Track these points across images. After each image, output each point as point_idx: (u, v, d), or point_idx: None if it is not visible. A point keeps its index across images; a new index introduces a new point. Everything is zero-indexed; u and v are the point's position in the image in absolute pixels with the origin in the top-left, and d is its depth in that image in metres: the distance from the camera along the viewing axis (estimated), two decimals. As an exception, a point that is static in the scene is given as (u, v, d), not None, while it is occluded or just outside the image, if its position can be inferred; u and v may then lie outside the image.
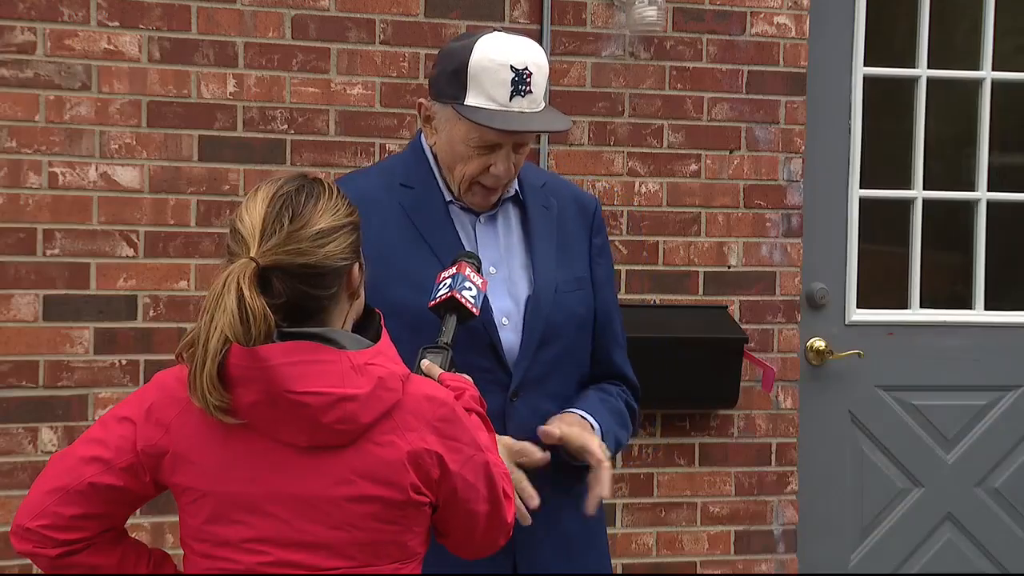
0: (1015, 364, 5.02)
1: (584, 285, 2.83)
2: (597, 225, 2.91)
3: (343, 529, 2.18)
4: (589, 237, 2.88)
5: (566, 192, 2.91)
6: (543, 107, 2.70)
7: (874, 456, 4.93)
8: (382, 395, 2.17)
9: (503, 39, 2.67)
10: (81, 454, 2.23)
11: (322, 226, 2.18)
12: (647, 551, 4.64)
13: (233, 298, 2.09)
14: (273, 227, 2.16)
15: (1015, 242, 5.17)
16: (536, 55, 2.67)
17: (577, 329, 2.81)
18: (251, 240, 2.15)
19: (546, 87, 2.72)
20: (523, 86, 2.63)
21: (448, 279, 2.59)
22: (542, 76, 2.67)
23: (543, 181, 2.88)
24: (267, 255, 2.14)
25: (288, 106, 4.30)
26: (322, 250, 2.17)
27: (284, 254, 2.15)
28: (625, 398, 2.92)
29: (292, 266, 2.15)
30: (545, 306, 2.75)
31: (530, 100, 2.65)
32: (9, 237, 4.10)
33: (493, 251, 2.76)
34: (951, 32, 5.15)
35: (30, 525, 2.22)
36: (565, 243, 2.82)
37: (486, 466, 2.28)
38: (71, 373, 4.14)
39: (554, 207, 2.84)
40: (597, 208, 2.93)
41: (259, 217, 2.17)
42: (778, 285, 4.73)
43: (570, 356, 2.81)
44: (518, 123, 2.64)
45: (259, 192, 2.22)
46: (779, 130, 4.71)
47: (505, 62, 2.62)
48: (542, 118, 2.70)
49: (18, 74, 4.09)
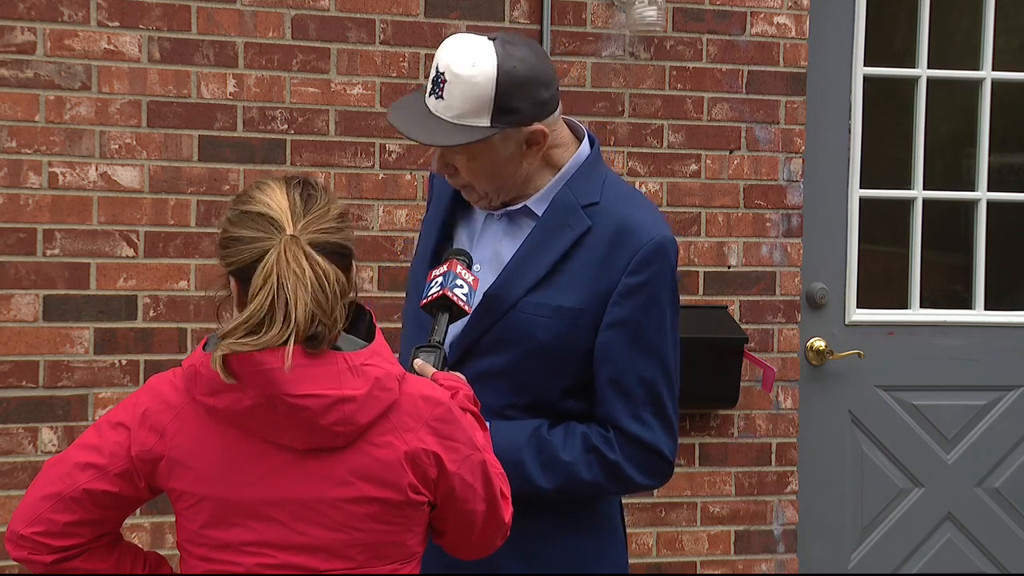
0: (1015, 364, 5.02)
1: (565, 316, 2.61)
2: (638, 263, 2.61)
3: (342, 531, 2.18)
4: (620, 274, 2.61)
5: (615, 219, 2.64)
6: (460, 119, 2.54)
7: (874, 456, 4.93)
8: (379, 395, 2.18)
9: (460, 40, 2.57)
10: (75, 460, 2.23)
11: (340, 208, 2.24)
12: (647, 551, 4.64)
13: (307, 266, 2.14)
14: (305, 207, 2.20)
15: (1015, 242, 5.17)
16: (462, 66, 2.52)
17: (527, 353, 2.62)
18: (284, 221, 2.18)
19: (475, 105, 2.53)
20: (437, 88, 2.56)
21: (439, 277, 2.58)
22: (459, 88, 2.52)
23: (595, 200, 2.65)
24: (306, 232, 2.18)
25: (288, 106, 4.30)
26: (345, 230, 2.23)
27: (320, 232, 2.19)
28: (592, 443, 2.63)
29: (328, 244, 2.19)
30: (488, 319, 2.64)
31: (444, 106, 2.54)
32: (9, 237, 4.10)
33: (486, 251, 2.72)
34: (951, 32, 5.14)
35: (25, 532, 2.22)
36: (570, 270, 2.63)
37: (483, 465, 2.29)
38: (71, 373, 4.14)
39: (581, 230, 2.63)
40: (647, 246, 2.62)
41: (285, 201, 2.20)
42: (778, 285, 4.73)
43: (508, 377, 2.64)
44: (398, 115, 2.62)
45: (270, 183, 2.25)
46: (779, 130, 4.71)
47: (437, 59, 2.57)
48: (430, 123, 2.56)
49: (18, 74, 4.09)
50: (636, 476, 2.66)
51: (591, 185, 2.67)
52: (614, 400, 2.64)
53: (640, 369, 2.64)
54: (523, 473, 2.58)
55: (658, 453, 2.66)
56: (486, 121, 2.53)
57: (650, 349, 2.64)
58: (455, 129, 2.54)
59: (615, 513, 2.82)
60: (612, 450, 2.63)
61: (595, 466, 2.63)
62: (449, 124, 2.54)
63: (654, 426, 2.65)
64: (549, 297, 2.62)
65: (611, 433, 2.64)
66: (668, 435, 2.67)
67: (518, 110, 2.54)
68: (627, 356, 2.63)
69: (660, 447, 2.66)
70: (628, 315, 2.62)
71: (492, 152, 2.58)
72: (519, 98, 2.54)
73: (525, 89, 2.55)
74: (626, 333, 2.62)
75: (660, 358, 2.65)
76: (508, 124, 2.55)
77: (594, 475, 2.63)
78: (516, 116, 2.55)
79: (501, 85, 2.52)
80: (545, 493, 2.62)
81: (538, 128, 2.59)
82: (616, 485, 2.68)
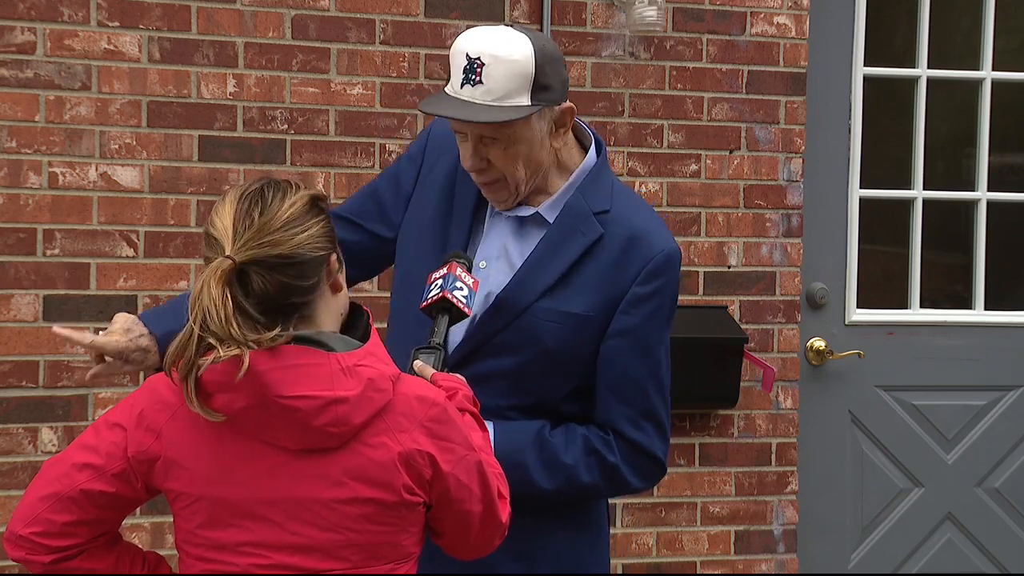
0: (1015, 364, 5.02)
1: (573, 322, 2.65)
2: (648, 273, 2.66)
3: (337, 531, 2.18)
4: (630, 283, 2.65)
5: (626, 228, 2.68)
6: (502, 101, 2.56)
7: (874, 456, 4.93)
8: (372, 396, 2.17)
9: (482, 29, 2.61)
10: (73, 460, 2.24)
11: (291, 214, 2.18)
12: (647, 551, 4.64)
13: (216, 291, 2.10)
14: (244, 223, 2.16)
15: (1015, 242, 5.17)
16: (497, 47, 2.55)
17: (535, 357, 2.65)
18: (225, 240, 2.15)
19: (518, 84, 2.56)
20: (472, 75, 2.55)
21: (439, 279, 2.59)
22: (501, 68, 2.54)
23: (606, 208, 2.68)
24: (242, 251, 2.14)
25: (288, 106, 4.30)
26: (295, 239, 2.17)
27: (258, 247, 2.14)
28: (593, 446, 2.68)
29: (268, 258, 2.15)
30: (498, 322, 2.66)
31: (482, 91, 2.55)
32: (9, 237, 4.10)
33: (495, 245, 2.72)
34: (951, 32, 5.14)
35: (23, 532, 2.23)
36: (582, 276, 2.66)
37: (479, 466, 2.28)
38: (71, 373, 4.14)
39: (594, 237, 2.66)
40: (657, 258, 2.67)
41: (229, 217, 2.17)
42: (778, 285, 4.73)
43: (513, 379, 2.66)
44: (436, 107, 2.59)
45: (227, 196, 2.22)
46: (779, 130, 4.71)
47: (463, 49, 2.58)
48: (470, 108, 2.56)
49: (18, 74, 4.09)
50: (632, 479, 2.73)
51: (601, 192, 2.71)
52: (614, 405, 2.69)
53: (640, 376, 2.70)
54: (525, 474, 2.62)
55: (654, 458, 2.74)
56: (526, 99, 2.57)
57: (650, 357, 2.71)
58: (499, 111, 2.56)
59: (602, 513, 2.86)
60: (612, 453, 2.69)
61: (595, 469, 2.68)
62: (490, 107, 2.56)
63: (650, 431, 2.72)
64: (559, 302, 2.65)
65: (611, 436, 2.69)
66: (662, 440, 2.75)
67: (551, 87, 2.59)
68: (630, 363, 2.69)
69: (656, 452, 2.74)
70: (635, 324, 2.67)
71: (530, 134, 2.61)
72: (552, 75, 2.59)
73: (555, 66, 2.61)
74: (631, 341, 2.68)
75: (655, 363, 2.73)
76: (545, 102, 2.59)
77: (593, 478, 2.68)
78: (551, 93, 2.59)
79: (538, 62, 2.57)
80: (545, 494, 2.66)
81: (568, 106, 2.65)
82: (612, 487, 2.74)
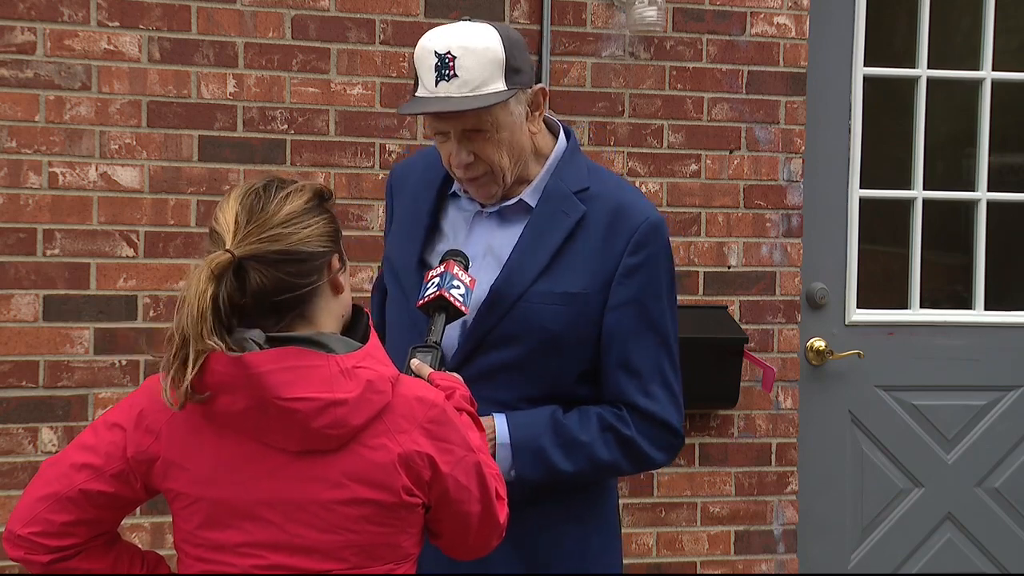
0: (1015, 364, 5.02)
1: (572, 302, 2.67)
2: (636, 243, 2.69)
3: (336, 532, 2.19)
4: (620, 255, 2.69)
5: (608, 203, 2.72)
6: (478, 91, 2.60)
7: (874, 456, 4.93)
8: (371, 398, 2.18)
9: (442, 28, 2.64)
10: (72, 460, 2.24)
11: (292, 210, 2.20)
12: (647, 551, 4.64)
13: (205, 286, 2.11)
14: (246, 218, 2.18)
15: (1015, 242, 5.17)
16: (464, 39, 2.59)
17: (540, 344, 2.67)
18: (226, 235, 2.17)
19: (492, 70, 2.60)
20: (446, 70, 2.58)
21: (436, 278, 2.60)
22: (472, 58, 2.58)
23: (585, 186, 2.73)
24: (242, 245, 2.15)
25: (288, 106, 4.30)
26: (295, 235, 2.18)
27: (258, 242, 2.16)
28: (608, 422, 2.71)
29: (268, 253, 2.16)
30: (496, 314, 2.67)
31: (458, 83, 2.58)
32: (9, 237, 4.10)
33: (479, 246, 2.74)
34: (951, 32, 5.14)
35: (22, 532, 2.23)
36: (572, 255, 2.69)
37: (477, 466, 2.29)
38: (71, 373, 4.15)
39: (578, 216, 2.70)
40: (643, 227, 2.70)
41: (232, 213, 2.19)
42: (778, 285, 4.73)
43: (520, 370, 2.68)
44: (416, 107, 2.63)
45: (231, 193, 2.24)
46: (779, 130, 4.71)
47: (430, 48, 2.60)
48: (451, 102, 2.58)
49: (18, 74, 4.10)
50: (650, 451, 2.75)
51: (578, 172, 2.76)
52: (624, 378, 2.72)
53: (646, 345, 2.72)
54: (545, 458, 2.65)
55: (668, 426, 2.75)
56: (502, 84, 2.62)
57: (653, 325, 2.73)
58: (479, 98, 2.60)
59: (613, 511, 2.89)
60: (627, 426, 2.71)
61: (612, 444, 2.71)
62: (470, 97, 2.60)
63: (662, 399, 2.74)
64: (553, 284, 2.68)
65: (623, 411, 2.72)
66: (675, 407, 2.77)
67: (522, 69, 2.66)
68: (634, 334, 2.71)
69: (670, 420, 2.75)
70: (632, 294, 2.70)
71: (510, 119, 2.66)
72: (520, 58, 2.65)
73: (521, 50, 2.67)
74: (632, 312, 2.70)
75: (662, 332, 2.74)
76: (519, 84, 2.64)
77: (612, 453, 2.71)
78: (523, 76, 2.65)
79: (506, 46, 2.62)
80: (568, 476, 2.69)
81: (540, 87, 2.71)
82: (632, 462, 2.75)
